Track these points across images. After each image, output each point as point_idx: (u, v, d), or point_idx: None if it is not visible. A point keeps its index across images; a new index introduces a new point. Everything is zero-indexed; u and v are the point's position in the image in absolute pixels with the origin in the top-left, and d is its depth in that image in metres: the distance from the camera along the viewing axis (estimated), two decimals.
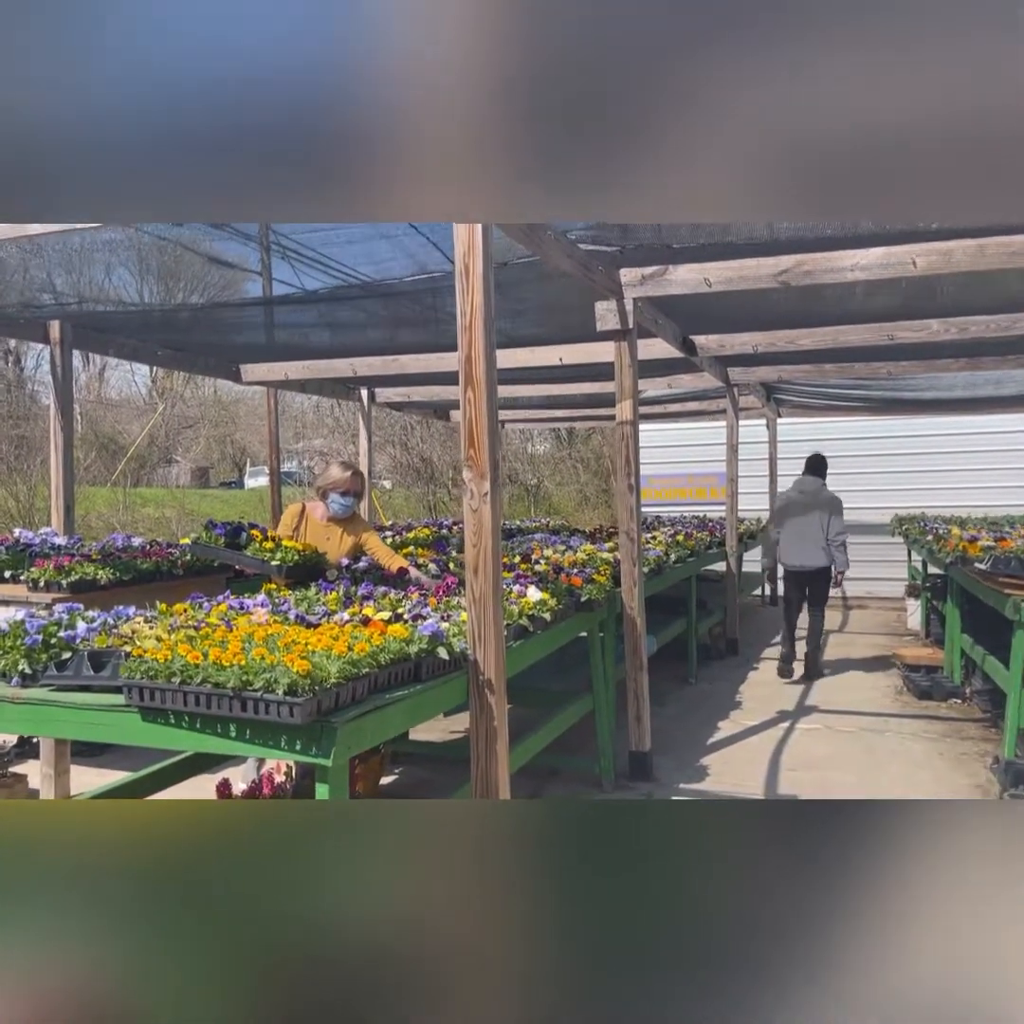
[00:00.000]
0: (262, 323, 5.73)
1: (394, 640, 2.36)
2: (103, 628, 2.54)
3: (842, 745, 4.88)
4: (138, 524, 18.07)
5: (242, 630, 2.52)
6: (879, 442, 11.07)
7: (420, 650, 2.42)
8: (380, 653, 2.27)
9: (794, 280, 4.06)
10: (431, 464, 21.04)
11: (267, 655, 2.08)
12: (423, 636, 2.47)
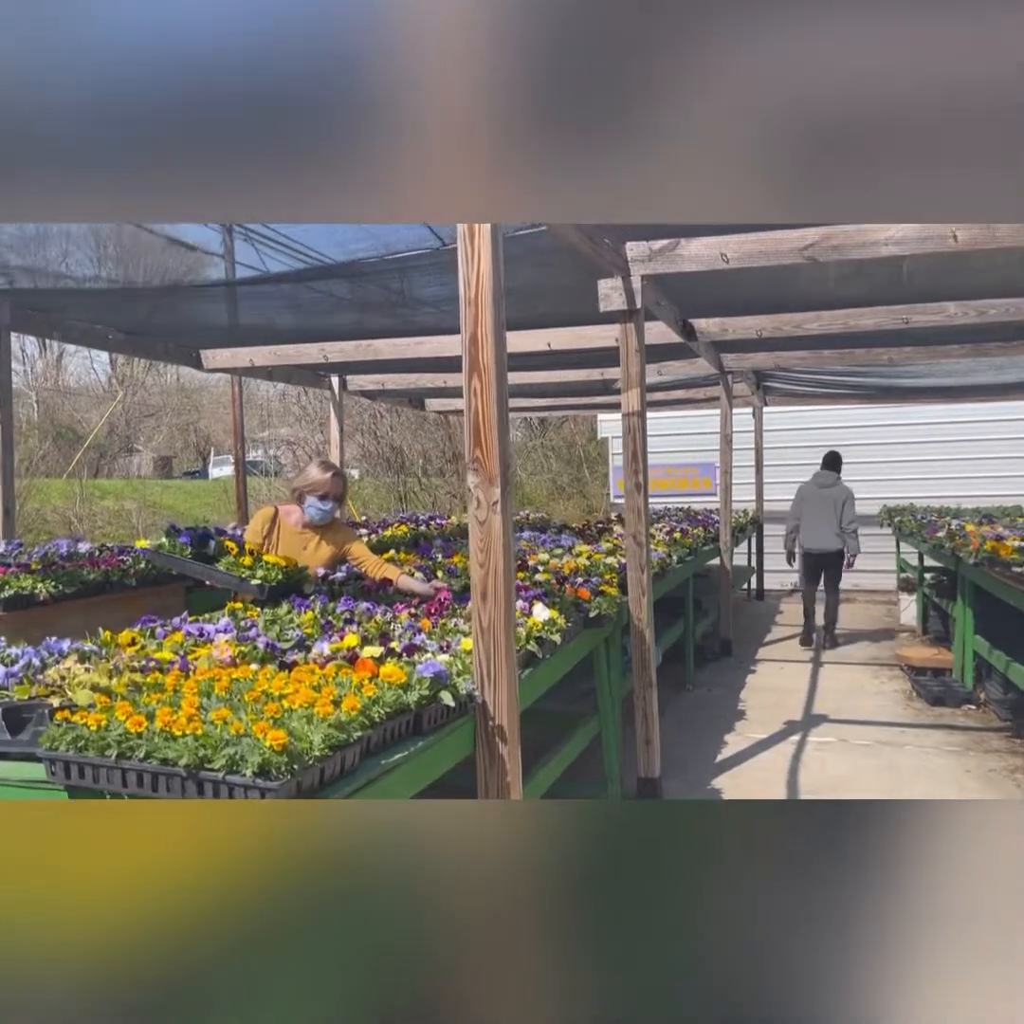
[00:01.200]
0: (225, 307, 5.24)
1: (390, 688, 1.91)
2: (26, 672, 2.06)
3: (860, 761, 4.52)
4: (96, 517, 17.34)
5: (200, 674, 2.05)
6: (865, 431, 10.78)
7: (421, 697, 1.98)
8: (373, 707, 1.82)
9: (821, 255, 3.65)
10: (401, 453, 20.54)
11: (231, 719, 1.62)
12: (423, 679, 2.03)
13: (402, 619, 2.89)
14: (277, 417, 25.03)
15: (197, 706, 1.72)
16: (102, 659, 2.26)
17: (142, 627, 2.78)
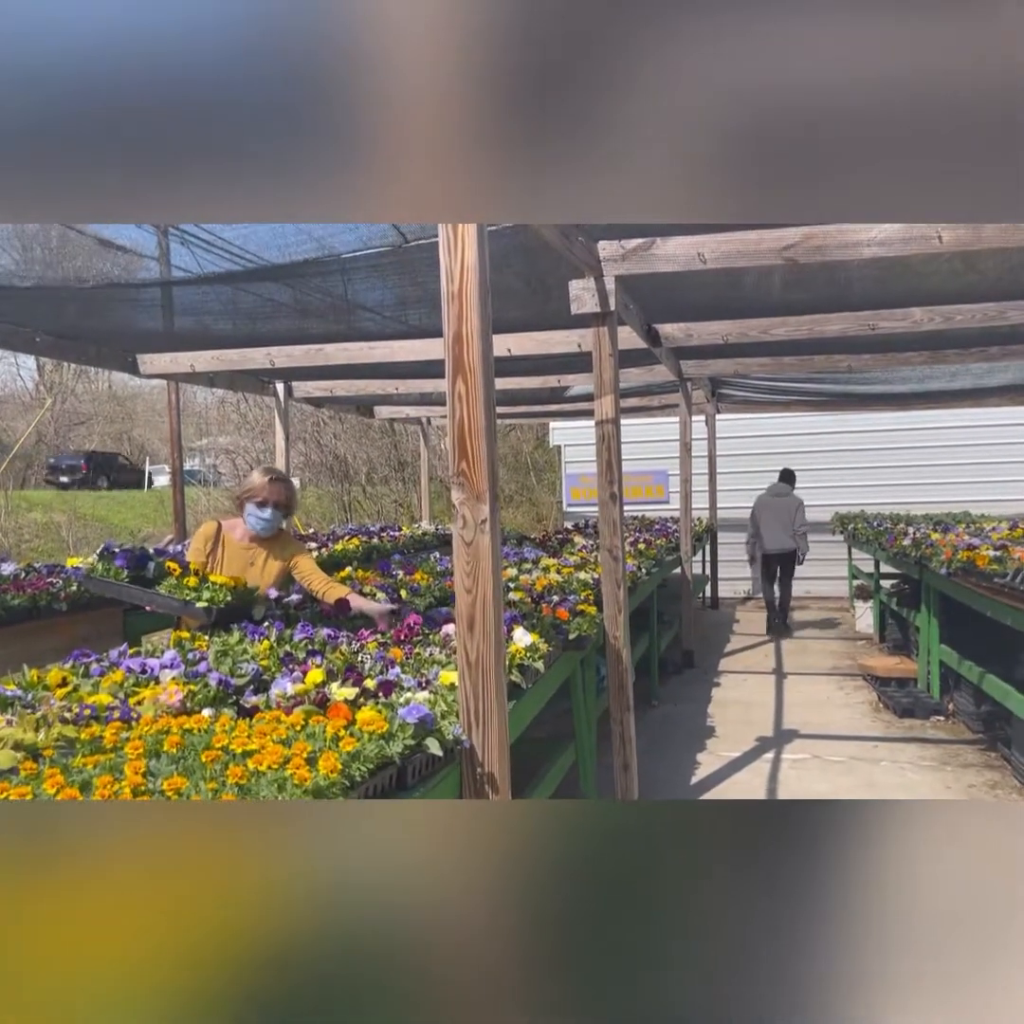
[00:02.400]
0: (160, 310, 4.92)
1: (370, 739, 1.65)
2: None
3: (838, 779, 4.38)
4: (23, 530, 16.54)
5: (145, 724, 1.76)
6: (814, 438, 10.82)
7: (405, 747, 1.72)
8: (353, 763, 1.56)
9: (802, 256, 3.50)
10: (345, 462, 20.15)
11: (186, 789, 1.35)
12: (406, 725, 1.77)
13: (370, 648, 2.62)
14: (216, 425, 24.36)
15: (144, 771, 1.44)
16: (27, 706, 1.95)
17: (74, 663, 2.46)
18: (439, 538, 8.25)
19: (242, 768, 1.45)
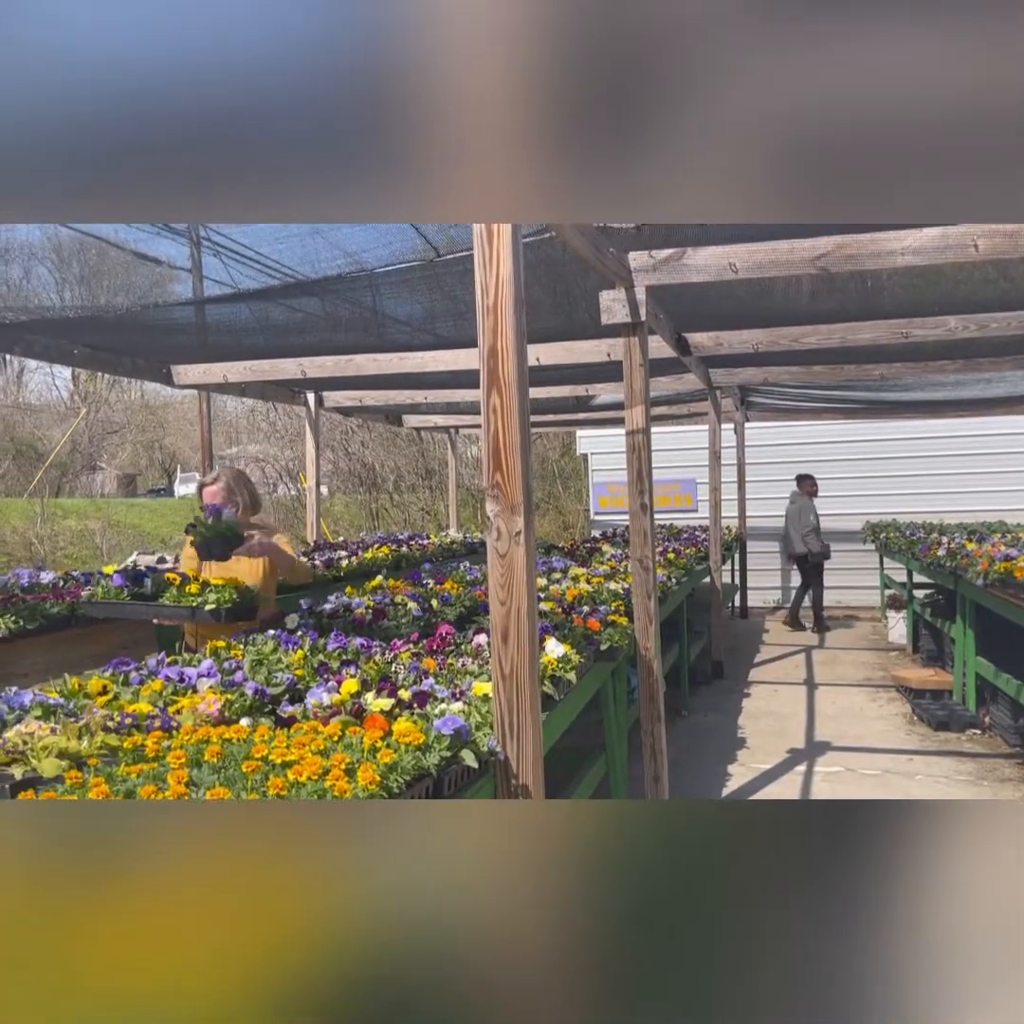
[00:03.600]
0: (193, 323, 5.00)
1: (407, 751, 1.66)
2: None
3: (872, 794, 4.33)
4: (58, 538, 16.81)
5: (186, 733, 1.79)
6: (844, 447, 10.71)
7: (441, 759, 1.73)
8: (391, 774, 1.57)
9: (834, 265, 3.48)
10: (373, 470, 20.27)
11: (228, 798, 1.36)
12: (442, 737, 1.78)
13: (403, 659, 2.64)
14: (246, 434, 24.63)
15: (186, 781, 1.47)
16: (70, 715, 1.98)
17: (114, 671, 2.50)
18: (467, 547, 8.27)
19: (282, 779, 1.47)
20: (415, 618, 3.43)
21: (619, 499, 11.82)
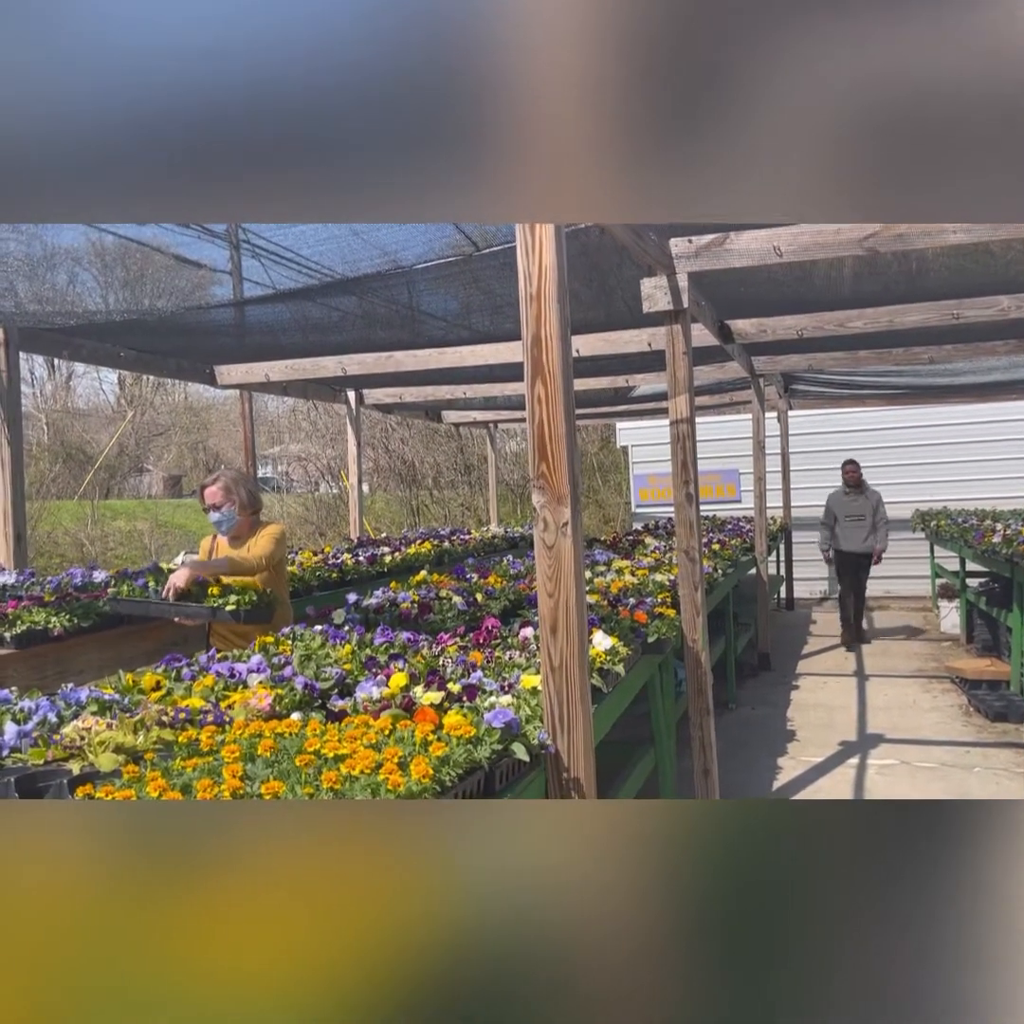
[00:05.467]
0: (233, 324, 5.06)
1: (459, 744, 1.65)
2: (42, 731, 1.81)
3: (929, 787, 4.23)
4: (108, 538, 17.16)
5: (238, 728, 1.80)
6: (890, 433, 10.48)
7: (492, 752, 1.72)
8: (443, 767, 1.56)
9: (882, 245, 3.40)
10: (413, 467, 20.38)
11: (284, 794, 1.37)
12: (493, 730, 1.77)
13: (450, 651, 2.63)
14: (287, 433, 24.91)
15: (240, 774, 1.47)
16: (125, 710, 2.01)
17: (166, 668, 2.53)
18: (508, 541, 8.27)
19: (335, 772, 1.47)
20: (460, 612, 3.43)
21: (660, 491, 11.72)
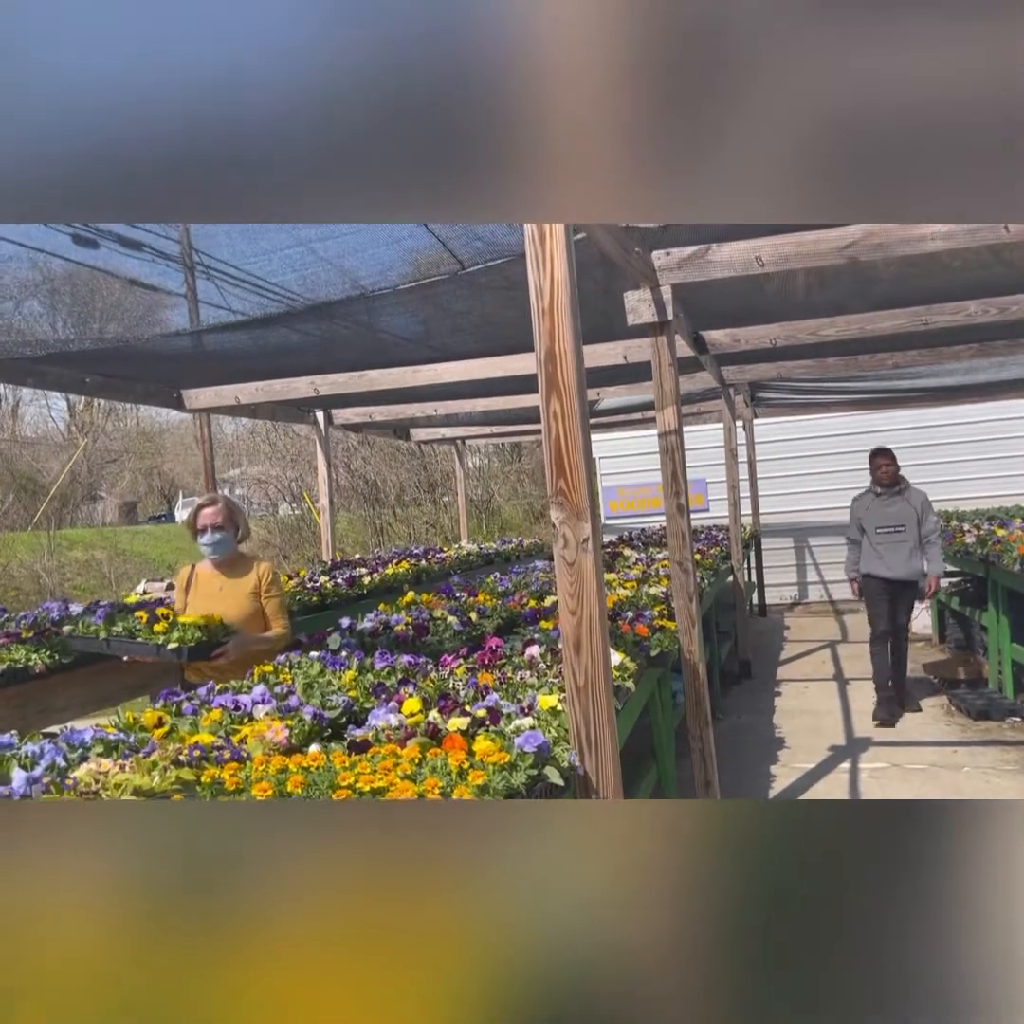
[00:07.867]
0: (191, 350, 4.93)
1: (496, 771, 1.60)
2: (51, 777, 1.72)
3: (922, 789, 4.26)
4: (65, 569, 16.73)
5: (259, 764, 1.73)
6: (852, 438, 10.65)
7: (528, 778, 1.67)
8: (483, 796, 1.51)
9: (863, 254, 3.44)
10: (376, 486, 20.24)
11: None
12: (526, 755, 1.72)
13: (458, 674, 2.58)
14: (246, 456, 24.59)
15: None
16: (133, 749, 1.92)
17: (165, 703, 2.44)
18: (483, 558, 8.22)
19: None
20: (456, 632, 3.37)
21: (630, 503, 11.78)
